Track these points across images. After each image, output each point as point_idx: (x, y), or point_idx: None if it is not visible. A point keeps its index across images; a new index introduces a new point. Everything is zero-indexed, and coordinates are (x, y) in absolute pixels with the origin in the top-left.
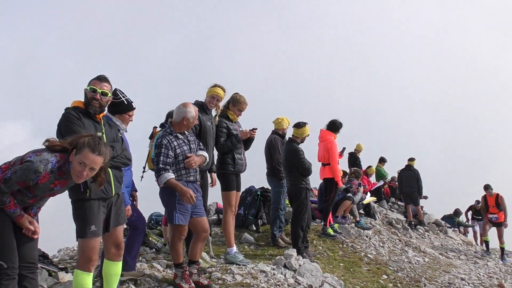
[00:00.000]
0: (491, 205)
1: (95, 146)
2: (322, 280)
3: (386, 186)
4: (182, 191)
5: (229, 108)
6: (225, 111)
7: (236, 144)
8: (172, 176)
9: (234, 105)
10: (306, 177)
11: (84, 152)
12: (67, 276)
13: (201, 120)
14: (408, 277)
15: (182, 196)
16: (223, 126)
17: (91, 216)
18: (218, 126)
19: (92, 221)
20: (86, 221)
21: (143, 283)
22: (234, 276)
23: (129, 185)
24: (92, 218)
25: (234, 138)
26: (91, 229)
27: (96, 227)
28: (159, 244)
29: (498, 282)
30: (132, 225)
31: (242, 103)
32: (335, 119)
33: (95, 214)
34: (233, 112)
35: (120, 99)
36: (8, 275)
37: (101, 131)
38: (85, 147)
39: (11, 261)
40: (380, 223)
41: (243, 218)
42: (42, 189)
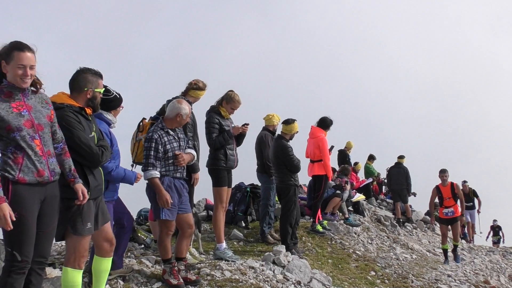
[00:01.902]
0: (446, 196)
1: (20, 44)
2: (311, 276)
3: (375, 183)
4: (160, 193)
5: (222, 104)
6: (217, 107)
7: (228, 139)
8: (157, 175)
9: (227, 102)
10: (294, 174)
11: (15, 55)
12: (54, 272)
13: (194, 117)
14: (395, 273)
15: (159, 198)
16: (215, 122)
17: (88, 213)
18: (210, 122)
19: (89, 218)
20: (84, 219)
21: (132, 279)
22: (223, 272)
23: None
24: (89, 216)
25: (226, 134)
26: (87, 226)
27: (92, 224)
28: (148, 240)
29: (484, 279)
30: (119, 222)
31: (236, 101)
32: (325, 116)
33: (91, 212)
34: (225, 109)
35: (113, 95)
36: (19, 268)
37: (93, 129)
38: (12, 51)
39: (26, 255)
40: (369, 220)
41: (233, 214)
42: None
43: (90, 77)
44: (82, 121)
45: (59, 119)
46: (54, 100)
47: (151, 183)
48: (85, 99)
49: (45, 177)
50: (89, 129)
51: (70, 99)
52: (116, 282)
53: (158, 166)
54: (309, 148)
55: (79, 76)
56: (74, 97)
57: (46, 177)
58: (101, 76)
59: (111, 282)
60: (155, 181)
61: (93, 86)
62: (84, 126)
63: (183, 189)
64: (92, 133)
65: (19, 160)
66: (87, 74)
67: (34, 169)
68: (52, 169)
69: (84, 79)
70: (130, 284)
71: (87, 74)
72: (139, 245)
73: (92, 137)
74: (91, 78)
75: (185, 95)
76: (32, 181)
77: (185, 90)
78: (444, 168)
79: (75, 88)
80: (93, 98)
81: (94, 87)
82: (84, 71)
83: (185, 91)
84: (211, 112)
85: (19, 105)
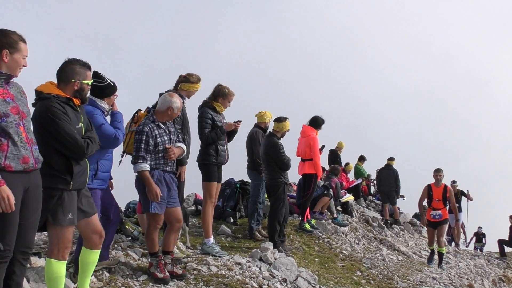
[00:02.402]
0: (436, 198)
1: (21, 36)
2: (297, 274)
3: (364, 184)
4: (150, 186)
5: (219, 101)
6: (211, 103)
7: (220, 135)
8: (147, 168)
9: (224, 98)
10: (284, 172)
11: (22, 47)
12: (39, 261)
13: (183, 111)
14: (381, 274)
15: (149, 191)
16: (208, 117)
17: (70, 204)
18: (203, 117)
19: (70, 209)
20: (65, 209)
21: (118, 271)
22: (210, 267)
23: (109, 169)
24: (71, 207)
25: (219, 130)
26: (68, 216)
27: (73, 215)
28: (135, 232)
29: (468, 283)
30: (106, 214)
31: (231, 94)
32: (317, 115)
33: (72, 203)
34: (221, 104)
35: (107, 82)
36: (1, 257)
37: (80, 120)
38: (18, 42)
39: (9, 243)
40: (357, 220)
41: (221, 210)
42: None
43: (78, 69)
44: (69, 112)
45: (45, 110)
46: (41, 90)
47: (140, 176)
48: (73, 90)
49: (30, 164)
50: (76, 119)
51: (57, 89)
52: (102, 274)
53: (148, 159)
54: (300, 147)
55: (67, 67)
56: (61, 88)
57: (31, 164)
58: (90, 68)
59: (97, 273)
60: (145, 174)
61: (80, 77)
62: (70, 117)
63: (173, 182)
64: (79, 124)
65: (4, 147)
66: (75, 65)
67: (20, 155)
68: (36, 156)
69: (72, 70)
70: (116, 276)
71: (75, 66)
72: (127, 237)
73: (79, 128)
74: (79, 70)
75: (176, 89)
76: (17, 168)
77: (176, 83)
78: (439, 167)
79: (63, 79)
80: (80, 89)
81: (82, 79)
82: (72, 62)
83: (176, 84)
84: (204, 107)
85: (3, 92)
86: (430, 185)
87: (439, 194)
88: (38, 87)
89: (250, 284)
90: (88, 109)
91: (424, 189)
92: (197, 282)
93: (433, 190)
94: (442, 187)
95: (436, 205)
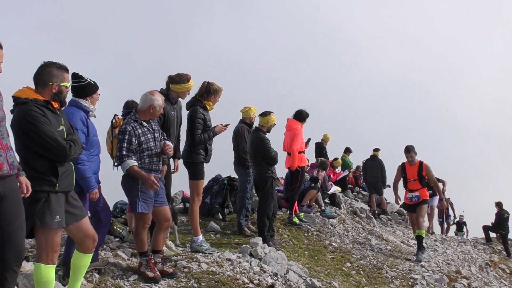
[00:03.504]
0: (411, 178)
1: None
2: (287, 268)
3: (351, 176)
4: (144, 178)
5: (210, 99)
6: (201, 101)
7: (212, 137)
8: (134, 163)
9: (215, 95)
10: (272, 166)
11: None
12: (28, 265)
13: (165, 110)
14: (370, 264)
15: (145, 182)
16: (200, 117)
17: (57, 206)
18: (196, 117)
19: (58, 211)
20: (53, 211)
21: (108, 272)
22: (200, 264)
23: (96, 171)
24: (58, 209)
25: (212, 132)
26: (56, 219)
27: (61, 218)
28: (124, 232)
29: (456, 269)
30: (97, 215)
31: (221, 89)
32: (301, 109)
33: (60, 205)
34: (212, 102)
35: (86, 81)
36: None
37: (61, 123)
38: None
39: None
40: (345, 212)
41: (210, 206)
42: None
43: (55, 71)
44: (49, 115)
45: (24, 114)
46: (19, 95)
47: (131, 173)
48: (51, 93)
49: (4, 170)
50: (56, 122)
51: (35, 93)
52: (92, 275)
53: (132, 157)
54: (286, 141)
55: (43, 71)
56: (39, 92)
57: (5, 171)
58: (67, 70)
59: (87, 275)
60: (134, 169)
61: (58, 80)
62: (50, 120)
63: (159, 181)
64: (60, 126)
65: None
66: (51, 68)
67: None
68: (11, 162)
69: (49, 73)
70: (106, 277)
71: (52, 68)
72: (115, 237)
73: (60, 130)
74: (56, 72)
75: (168, 91)
76: None
77: (166, 84)
78: (410, 145)
79: (40, 83)
80: (59, 92)
81: (59, 81)
82: (49, 65)
83: (166, 85)
84: (195, 106)
85: None
86: (404, 164)
87: (413, 173)
88: (15, 93)
89: (241, 280)
90: (70, 111)
91: (398, 170)
92: (188, 280)
93: (407, 170)
94: (417, 165)
95: (412, 186)
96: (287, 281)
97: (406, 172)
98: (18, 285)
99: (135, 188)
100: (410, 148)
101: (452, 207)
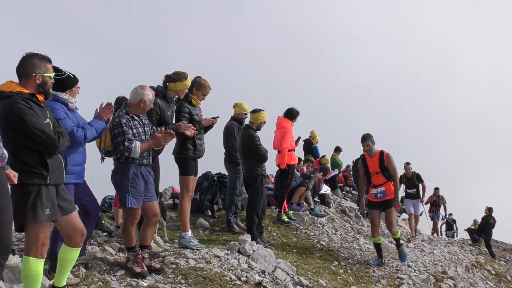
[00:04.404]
0: (373, 171)
1: None
2: (275, 266)
3: (341, 175)
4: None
5: (193, 92)
6: (188, 96)
7: (199, 130)
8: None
9: (198, 89)
10: (262, 164)
11: None
12: (13, 259)
13: (161, 109)
14: (358, 263)
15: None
16: (186, 111)
17: (48, 199)
18: (181, 111)
19: (48, 204)
20: (44, 204)
21: (94, 266)
22: (188, 260)
23: (81, 163)
24: (48, 202)
25: (198, 125)
26: (46, 212)
27: (51, 211)
28: (111, 227)
29: (442, 269)
30: (85, 210)
31: (207, 87)
32: (292, 107)
33: (50, 198)
34: (196, 97)
35: (65, 74)
36: None
37: (47, 116)
38: None
39: None
40: (334, 211)
41: (199, 203)
42: None
43: (37, 62)
44: (34, 108)
45: (9, 107)
46: (3, 89)
47: (145, 149)
48: (35, 85)
49: None
50: (42, 115)
51: (19, 86)
52: (78, 270)
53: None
54: (276, 139)
55: (25, 62)
56: (23, 84)
57: None
58: (50, 60)
59: (73, 269)
60: (144, 147)
61: (41, 71)
62: (37, 113)
63: (149, 176)
64: (46, 119)
65: None
66: (33, 59)
67: None
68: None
69: (31, 64)
70: (93, 271)
71: (34, 59)
72: (103, 232)
73: (47, 123)
74: (39, 63)
75: (165, 90)
76: None
77: (163, 83)
78: (366, 133)
79: (23, 75)
80: (43, 83)
81: (43, 72)
82: (31, 56)
83: (164, 84)
84: (181, 101)
85: None
86: (364, 157)
87: (375, 166)
88: (2, 84)
89: (229, 277)
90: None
91: (359, 165)
92: (175, 276)
93: (368, 162)
94: (377, 155)
95: (376, 181)
96: (275, 278)
97: (367, 166)
98: (3, 278)
99: (125, 183)
100: (366, 136)
101: (444, 205)
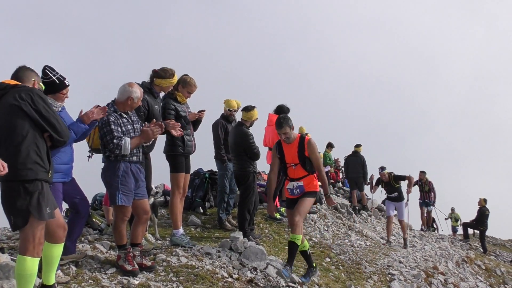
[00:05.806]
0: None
1: None
2: (267, 263)
3: (333, 172)
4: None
5: (178, 89)
6: (174, 93)
7: (185, 126)
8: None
9: (183, 86)
10: (254, 161)
11: None
12: (3, 257)
13: (149, 104)
14: (350, 260)
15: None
16: (171, 108)
17: (48, 197)
18: (166, 108)
19: (48, 202)
20: (45, 203)
21: (85, 264)
22: (179, 258)
23: (68, 162)
24: (48, 200)
25: (183, 120)
26: (47, 211)
27: (50, 209)
28: (102, 225)
29: (433, 265)
30: (75, 208)
31: (192, 85)
32: (282, 104)
33: (50, 196)
34: (182, 94)
35: (51, 79)
36: None
37: None
38: None
39: None
40: (326, 207)
41: (191, 200)
42: None
43: (32, 72)
44: None
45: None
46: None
47: (135, 144)
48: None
49: None
50: None
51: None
52: (69, 268)
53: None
54: (267, 136)
55: (22, 70)
56: None
57: None
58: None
59: (63, 267)
60: (133, 140)
61: (38, 79)
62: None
63: (140, 174)
64: None
65: None
66: (28, 70)
67: None
68: None
69: (28, 71)
70: (83, 269)
71: (28, 70)
72: (94, 230)
73: None
74: (33, 73)
75: (151, 84)
76: None
77: (150, 78)
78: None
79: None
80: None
81: (38, 80)
82: (25, 68)
83: (150, 79)
84: (167, 98)
85: None
86: (280, 143)
87: (293, 155)
88: (3, 80)
89: (221, 274)
90: None
91: (273, 152)
92: (167, 274)
93: (285, 150)
94: (297, 141)
95: (292, 174)
96: (267, 275)
97: (283, 153)
98: None
99: (115, 180)
100: (282, 121)
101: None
